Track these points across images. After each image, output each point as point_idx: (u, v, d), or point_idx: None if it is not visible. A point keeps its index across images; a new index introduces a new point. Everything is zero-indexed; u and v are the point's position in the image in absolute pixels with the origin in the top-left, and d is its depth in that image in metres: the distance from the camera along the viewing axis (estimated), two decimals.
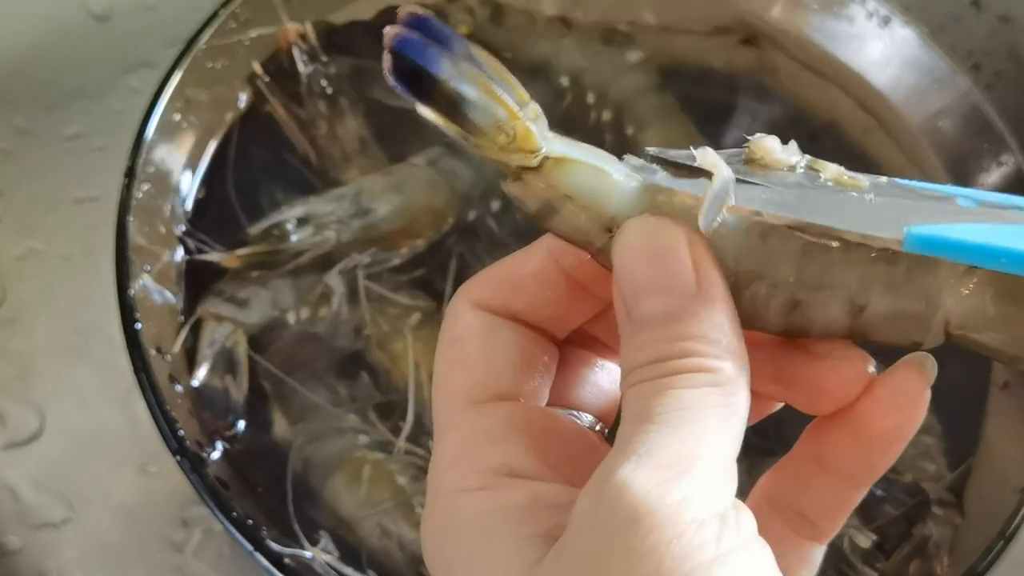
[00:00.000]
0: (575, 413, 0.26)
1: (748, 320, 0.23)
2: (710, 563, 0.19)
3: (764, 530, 0.21)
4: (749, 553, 0.20)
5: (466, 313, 0.25)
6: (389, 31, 0.23)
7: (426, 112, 0.24)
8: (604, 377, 0.27)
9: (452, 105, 0.24)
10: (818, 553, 0.27)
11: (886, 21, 0.52)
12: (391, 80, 0.23)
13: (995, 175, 0.49)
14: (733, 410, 0.21)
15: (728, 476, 0.21)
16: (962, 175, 0.50)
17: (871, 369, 0.24)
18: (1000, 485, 0.44)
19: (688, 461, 0.20)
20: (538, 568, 0.21)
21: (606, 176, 0.24)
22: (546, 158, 0.24)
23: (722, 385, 0.21)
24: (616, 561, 0.19)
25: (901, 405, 0.24)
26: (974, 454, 0.47)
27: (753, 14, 0.54)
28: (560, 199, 0.24)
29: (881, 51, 0.52)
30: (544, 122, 0.24)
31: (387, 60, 0.23)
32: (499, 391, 0.24)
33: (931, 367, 0.25)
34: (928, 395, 0.24)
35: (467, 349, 0.25)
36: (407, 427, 0.46)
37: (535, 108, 0.24)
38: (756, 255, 0.23)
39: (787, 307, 0.23)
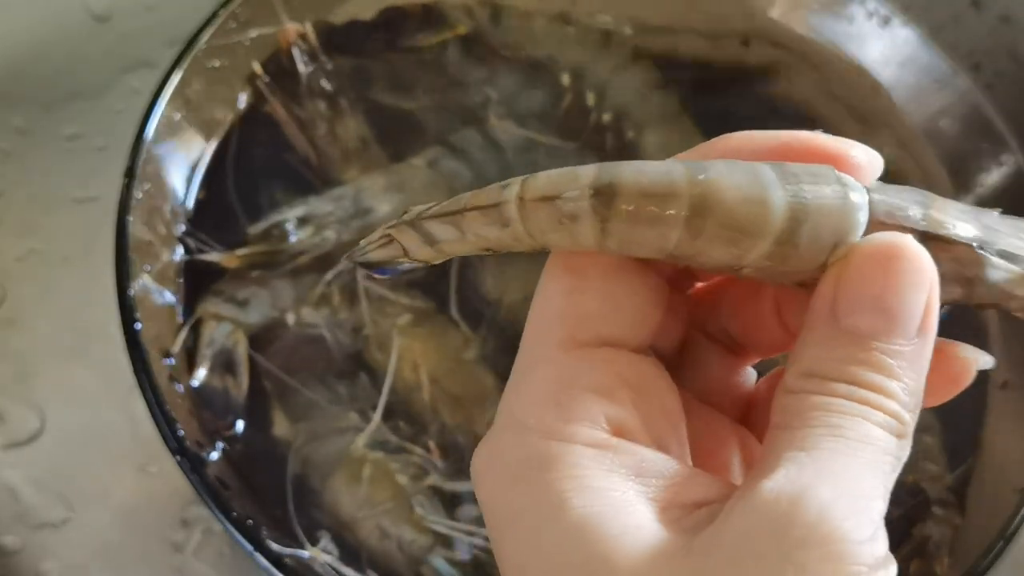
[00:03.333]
0: None
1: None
2: None
3: None
4: None
5: (586, 255, 0.23)
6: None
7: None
8: (674, 313, 0.25)
9: None
10: None
11: (886, 21, 0.52)
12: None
13: (995, 175, 0.49)
14: (900, 463, 0.21)
15: (883, 526, 0.20)
16: (962, 175, 0.50)
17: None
18: (1000, 485, 0.44)
19: (872, 499, 0.20)
20: (689, 558, 0.19)
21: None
22: None
23: (902, 438, 0.21)
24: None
25: (949, 382, 0.24)
26: (974, 454, 0.47)
27: (753, 14, 0.54)
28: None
29: (881, 51, 0.52)
30: None
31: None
32: (613, 336, 0.22)
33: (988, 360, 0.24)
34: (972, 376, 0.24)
35: (588, 281, 0.23)
36: (379, 411, 0.46)
37: None
38: None
39: None
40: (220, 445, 0.44)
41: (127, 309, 0.42)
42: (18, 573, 0.43)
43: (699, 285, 0.27)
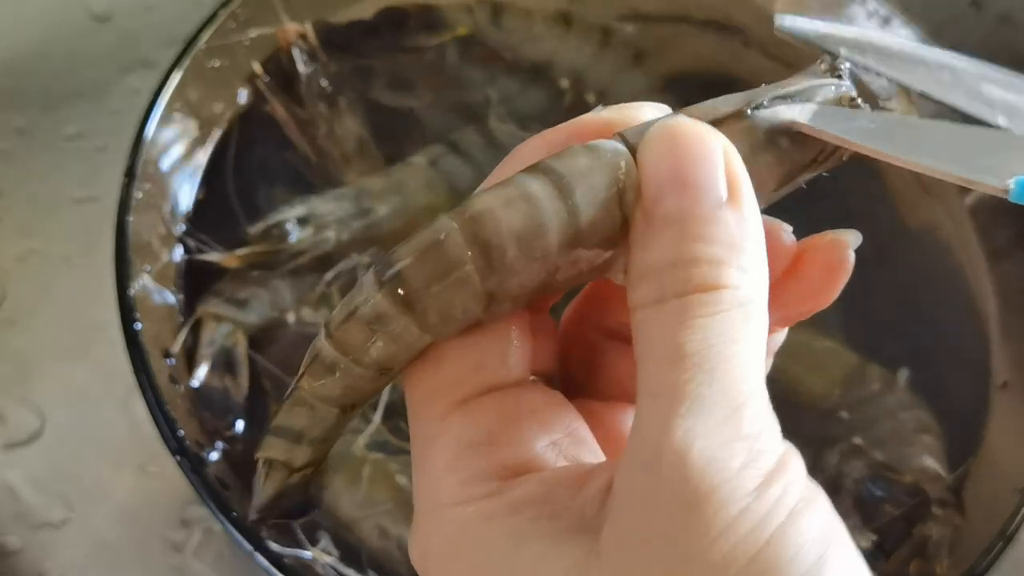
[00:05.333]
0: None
1: None
2: (782, 529, 0.18)
3: None
4: (808, 503, 0.19)
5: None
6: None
7: None
8: (541, 333, 0.25)
9: None
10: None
11: (886, 21, 0.52)
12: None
13: None
14: (758, 330, 0.20)
15: (770, 411, 0.20)
16: None
17: (787, 236, 0.24)
18: (1000, 485, 0.44)
19: (736, 412, 0.19)
20: (589, 564, 0.19)
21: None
22: None
23: (745, 305, 0.20)
24: (686, 546, 0.18)
25: (834, 280, 0.23)
26: (974, 454, 0.47)
27: (752, 15, 0.54)
28: None
29: None
30: None
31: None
32: (485, 385, 0.22)
33: (855, 237, 0.24)
34: (851, 259, 0.23)
35: (440, 350, 0.23)
36: (379, 412, 0.46)
37: None
38: None
39: None
40: (220, 445, 0.44)
41: (127, 309, 0.42)
42: (18, 573, 0.43)
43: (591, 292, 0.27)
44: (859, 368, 0.47)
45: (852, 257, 0.23)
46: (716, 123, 0.22)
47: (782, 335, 0.26)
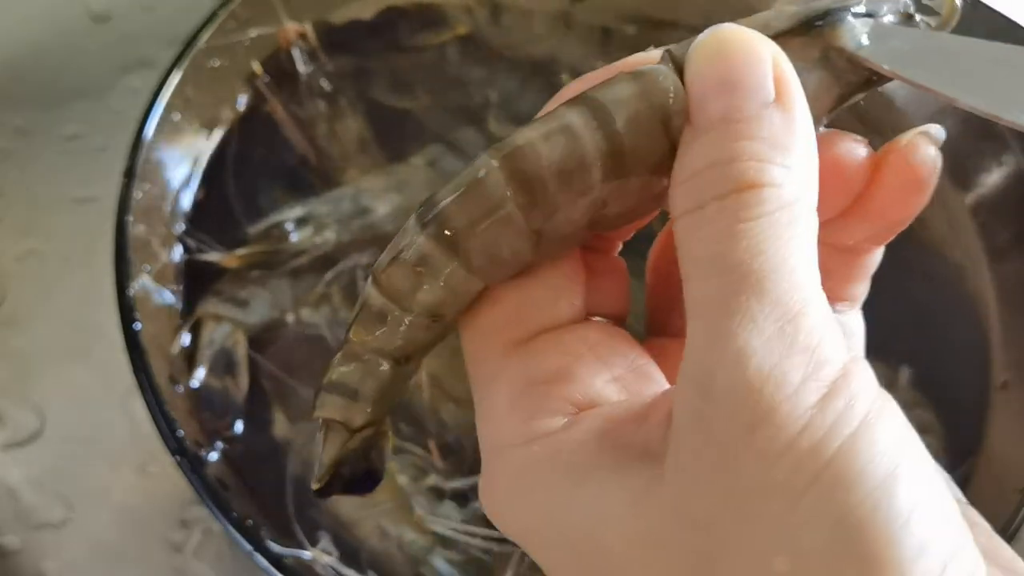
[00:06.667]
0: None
1: None
2: (850, 441, 0.17)
3: None
4: (879, 414, 0.18)
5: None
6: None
7: None
8: (607, 274, 0.24)
9: None
10: (857, 319, 0.25)
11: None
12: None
13: (995, 175, 0.49)
14: (806, 233, 0.19)
15: (830, 319, 0.18)
16: (962, 175, 0.50)
17: (859, 148, 0.22)
18: (1001, 485, 0.44)
19: (792, 323, 0.18)
20: (651, 492, 0.19)
21: None
22: None
23: (791, 206, 0.19)
24: (748, 471, 0.17)
25: (919, 180, 0.22)
26: (974, 454, 0.47)
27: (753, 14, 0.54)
28: None
29: None
30: None
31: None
32: (544, 323, 0.22)
33: (937, 131, 0.22)
34: (939, 159, 0.22)
35: (495, 292, 0.22)
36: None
37: None
38: None
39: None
40: (220, 445, 0.44)
41: (127, 309, 0.42)
42: (18, 573, 0.43)
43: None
44: None
45: (936, 155, 0.22)
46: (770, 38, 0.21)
47: (878, 254, 0.25)
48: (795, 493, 0.17)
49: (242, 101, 0.51)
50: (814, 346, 0.18)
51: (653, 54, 0.22)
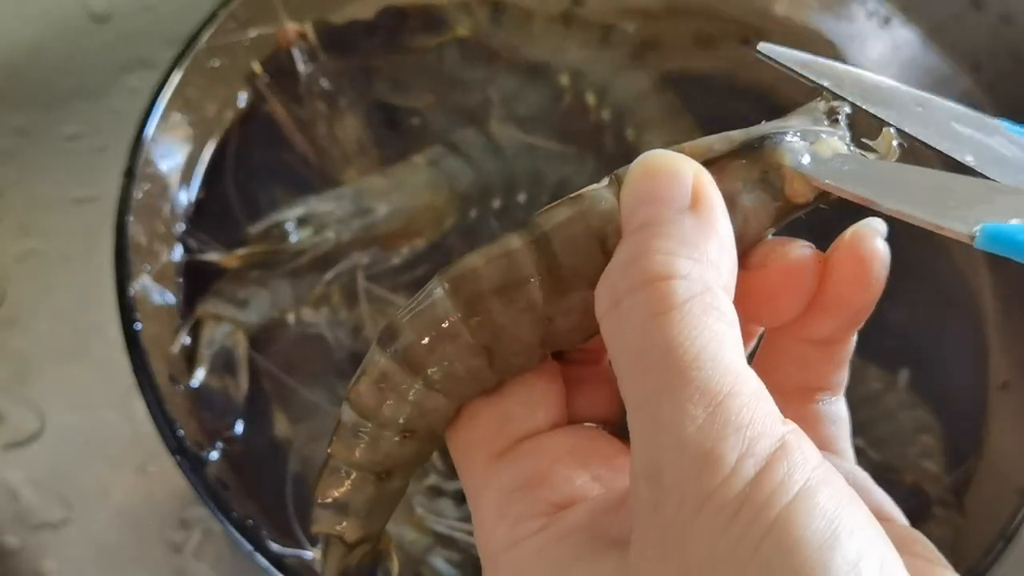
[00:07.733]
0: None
1: None
2: (789, 509, 0.18)
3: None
4: (821, 481, 0.18)
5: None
6: None
7: None
8: (597, 383, 0.26)
9: None
10: (841, 407, 0.27)
11: (886, 21, 0.52)
12: None
13: None
14: (721, 319, 0.20)
15: (762, 395, 0.19)
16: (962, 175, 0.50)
17: (806, 251, 0.23)
18: (1000, 485, 0.44)
19: (721, 406, 0.19)
20: (617, 570, 0.20)
21: None
22: None
23: (700, 295, 0.20)
24: (696, 549, 0.18)
25: (867, 271, 0.23)
26: (974, 454, 0.47)
27: (753, 14, 0.54)
28: None
29: (881, 51, 0.52)
30: None
31: None
32: (518, 436, 0.23)
33: (879, 224, 0.24)
34: (886, 249, 0.23)
35: (472, 408, 0.24)
36: None
37: None
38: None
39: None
40: (220, 445, 0.44)
41: (127, 309, 0.42)
42: (18, 573, 0.43)
43: None
44: (859, 368, 0.47)
45: (882, 245, 0.23)
46: (711, 160, 0.22)
47: (852, 342, 0.26)
48: (741, 564, 0.18)
49: (242, 101, 0.51)
50: (746, 424, 0.19)
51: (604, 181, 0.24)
